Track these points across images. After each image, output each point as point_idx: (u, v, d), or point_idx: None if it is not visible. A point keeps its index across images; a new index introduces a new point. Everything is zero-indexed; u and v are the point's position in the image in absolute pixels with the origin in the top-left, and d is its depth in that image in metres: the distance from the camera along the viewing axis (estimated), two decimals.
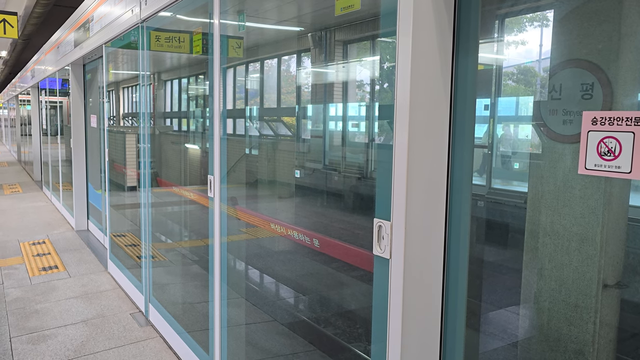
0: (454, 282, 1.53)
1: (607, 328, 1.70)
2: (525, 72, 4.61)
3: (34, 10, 9.87)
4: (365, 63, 7.45)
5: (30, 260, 5.30)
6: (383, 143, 1.53)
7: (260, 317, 3.50)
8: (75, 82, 6.69)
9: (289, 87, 8.03)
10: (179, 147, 5.55)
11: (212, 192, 2.70)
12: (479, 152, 4.40)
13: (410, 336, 1.48)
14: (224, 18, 2.62)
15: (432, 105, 1.46)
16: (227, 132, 2.69)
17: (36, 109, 11.86)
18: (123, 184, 5.27)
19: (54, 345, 3.35)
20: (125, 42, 4.23)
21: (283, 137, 7.30)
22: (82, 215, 6.90)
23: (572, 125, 1.64)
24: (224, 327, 2.75)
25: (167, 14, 3.34)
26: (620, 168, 1.14)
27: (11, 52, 16.55)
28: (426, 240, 1.49)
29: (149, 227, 3.84)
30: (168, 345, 3.37)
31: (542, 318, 1.81)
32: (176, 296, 3.72)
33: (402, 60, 1.40)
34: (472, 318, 1.70)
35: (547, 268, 1.79)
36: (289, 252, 4.37)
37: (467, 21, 1.46)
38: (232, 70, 7.07)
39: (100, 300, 4.16)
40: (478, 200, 3.41)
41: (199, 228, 3.97)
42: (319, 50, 7.29)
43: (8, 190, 10.36)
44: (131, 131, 5.34)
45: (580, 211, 1.68)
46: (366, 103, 7.60)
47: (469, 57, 1.46)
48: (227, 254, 2.74)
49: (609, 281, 1.68)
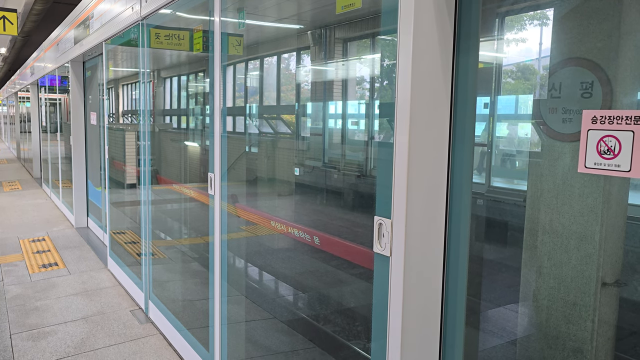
0: (453, 280, 1.54)
1: (605, 326, 1.71)
2: (524, 70, 4.61)
3: (34, 7, 9.85)
4: (365, 61, 7.45)
5: (30, 257, 5.31)
6: (383, 141, 1.53)
7: (260, 314, 3.51)
8: (75, 80, 6.68)
9: (289, 84, 8.03)
10: (179, 145, 5.56)
11: (212, 190, 2.70)
12: (477, 149, 4.41)
13: (410, 333, 1.49)
14: (224, 15, 2.62)
15: (433, 103, 1.46)
16: (227, 130, 2.70)
17: (36, 106, 11.85)
18: (123, 181, 5.28)
19: (54, 342, 3.35)
20: (126, 39, 4.22)
21: (282, 134, 7.30)
22: (81, 212, 6.90)
23: (572, 124, 1.65)
24: (224, 325, 2.76)
25: (167, 11, 3.34)
26: (619, 167, 1.15)
27: (11, 49, 16.52)
28: (426, 238, 1.50)
29: (148, 224, 3.85)
30: (168, 342, 3.38)
31: (541, 316, 1.82)
32: (176, 293, 3.73)
33: (403, 58, 1.41)
34: (471, 316, 1.71)
35: (546, 266, 1.79)
36: (289, 250, 4.38)
37: (467, 19, 1.46)
38: (232, 68, 7.07)
39: (100, 298, 4.17)
40: (477, 198, 3.41)
41: (199, 225, 3.98)
42: (319, 48, 7.29)
43: (7, 187, 10.36)
44: (131, 128, 5.34)
45: (580, 209, 1.68)
46: (366, 101, 7.60)
47: (469, 55, 1.46)
48: (227, 251, 2.75)
49: (607, 279, 1.68)
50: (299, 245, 4.12)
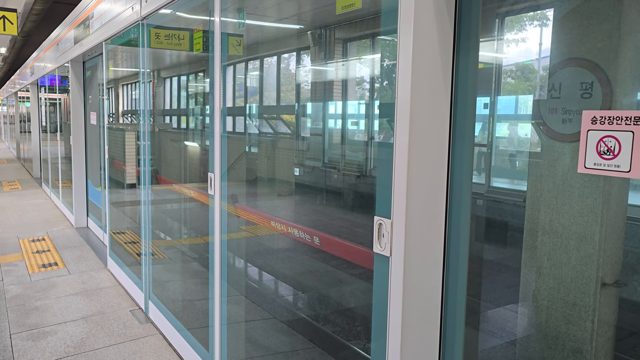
0: (453, 280, 1.54)
1: (605, 326, 1.71)
2: (524, 70, 4.61)
3: (34, 7, 9.85)
4: (364, 61, 7.45)
5: (30, 257, 5.31)
6: (383, 141, 1.54)
7: (260, 314, 3.51)
8: (75, 79, 6.68)
9: (289, 84, 8.02)
10: (179, 145, 5.56)
11: (212, 190, 2.70)
12: (476, 150, 4.41)
13: (410, 333, 1.49)
14: (224, 16, 2.62)
15: (433, 104, 1.46)
16: (227, 130, 2.70)
17: (35, 106, 11.85)
18: (123, 181, 5.28)
19: (54, 341, 3.35)
20: (126, 39, 4.22)
21: (282, 135, 7.29)
22: (81, 212, 6.90)
23: (572, 124, 1.65)
24: (224, 325, 2.76)
25: (168, 11, 3.34)
26: (619, 167, 1.15)
27: (10, 49, 16.52)
28: (426, 238, 1.50)
29: (148, 224, 3.85)
30: (168, 342, 3.38)
31: (540, 316, 1.82)
32: (176, 293, 3.73)
33: (403, 58, 1.41)
34: (471, 316, 1.71)
35: (545, 266, 1.79)
36: (289, 250, 4.38)
37: (467, 20, 1.46)
38: (231, 68, 7.07)
39: (100, 298, 4.17)
40: (477, 198, 3.41)
41: (199, 225, 3.98)
42: (319, 48, 7.29)
43: (7, 187, 10.36)
44: (131, 128, 5.34)
45: (579, 210, 1.68)
46: (365, 101, 7.60)
47: (469, 55, 1.46)
48: (227, 251, 2.75)
49: (607, 280, 1.69)
50: (299, 246, 4.12)
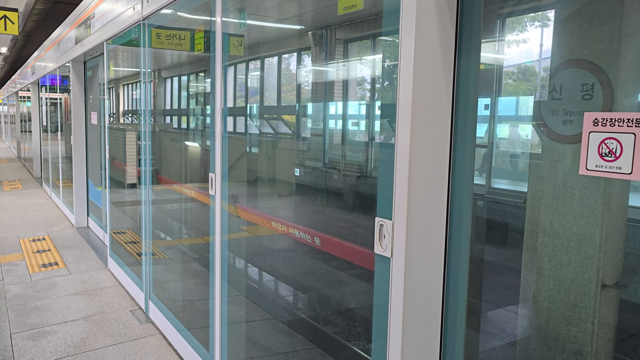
0: (454, 281, 1.54)
1: (605, 328, 1.71)
2: (525, 72, 4.61)
3: (35, 6, 9.85)
4: (365, 62, 7.45)
5: (30, 256, 5.31)
6: (385, 142, 1.54)
7: (260, 314, 3.51)
8: (76, 79, 6.69)
9: (289, 85, 8.02)
10: (180, 145, 5.56)
11: (213, 190, 2.70)
12: (477, 151, 4.41)
13: (410, 334, 1.49)
14: (226, 16, 2.62)
15: (434, 105, 1.46)
16: (228, 130, 2.70)
17: (36, 105, 11.85)
18: (123, 181, 5.28)
19: (54, 341, 3.35)
20: (127, 39, 4.23)
21: (283, 135, 7.29)
22: (82, 212, 6.90)
23: (573, 126, 1.65)
24: (225, 325, 2.76)
25: (169, 11, 3.34)
26: (621, 169, 1.15)
27: (11, 49, 16.53)
28: (427, 239, 1.50)
29: (149, 224, 3.85)
30: (168, 342, 3.38)
31: (540, 317, 1.82)
32: (176, 293, 3.73)
33: (404, 59, 1.41)
34: (472, 317, 1.71)
35: (546, 268, 1.79)
36: (289, 250, 4.38)
37: (469, 21, 1.47)
38: (232, 68, 7.07)
39: (100, 297, 4.17)
40: (478, 199, 3.41)
41: (199, 226, 3.98)
42: (320, 48, 7.29)
43: (8, 186, 10.36)
44: (131, 128, 5.34)
45: (580, 211, 1.68)
46: (366, 102, 7.60)
47: (471, 56, 1.47)
48: (228, 251, 2.75)
49: (607, 281, 1.68)
50: (300, 246, 4.12)
